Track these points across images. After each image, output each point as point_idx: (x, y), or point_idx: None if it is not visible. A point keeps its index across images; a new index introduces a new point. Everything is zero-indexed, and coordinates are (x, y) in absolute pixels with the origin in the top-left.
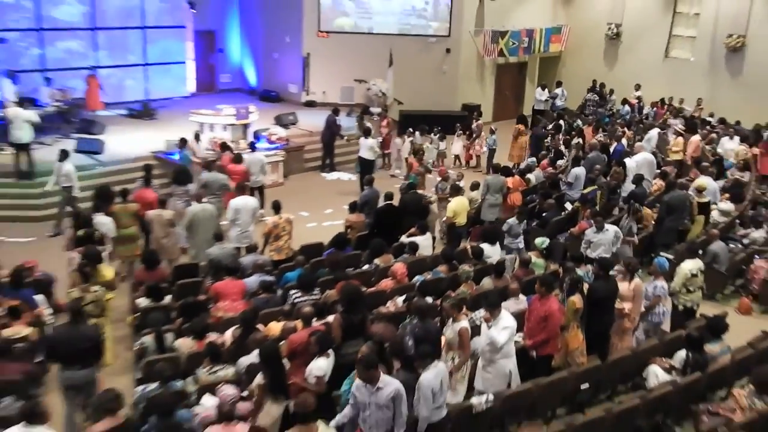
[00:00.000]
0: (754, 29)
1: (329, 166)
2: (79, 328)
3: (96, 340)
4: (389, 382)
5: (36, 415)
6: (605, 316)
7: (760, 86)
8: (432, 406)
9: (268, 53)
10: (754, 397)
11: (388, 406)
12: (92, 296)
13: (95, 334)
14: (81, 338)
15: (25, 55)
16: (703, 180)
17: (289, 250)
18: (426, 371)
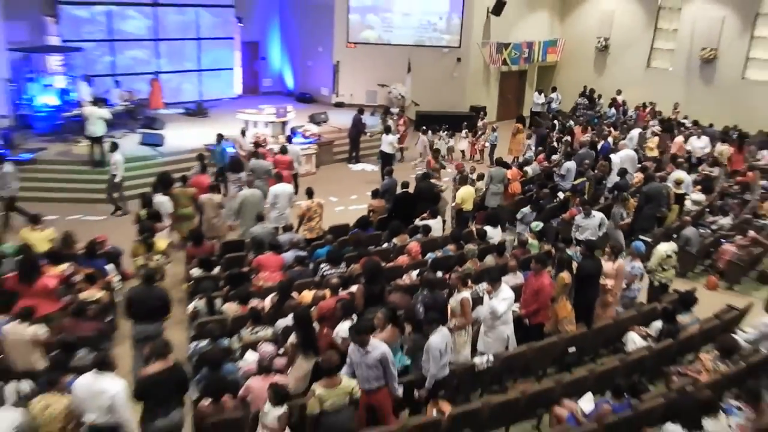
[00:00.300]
0: (724, 43)
1: (355, 158)
2: (152, 290)
3: (165, 300)
4: (377, 346)
5: (105, 364)
6: (591, 290)
7: (729, 93)
8: (439, 364)
9: (304, 61)
10: (718, 360)
11: (376, 366)
12: (154, 263)
13: (165, 295)
14: (153, 298)
15: (99, 62)
16: (680, 174)
17: (319, 230)
18: (433, 335)
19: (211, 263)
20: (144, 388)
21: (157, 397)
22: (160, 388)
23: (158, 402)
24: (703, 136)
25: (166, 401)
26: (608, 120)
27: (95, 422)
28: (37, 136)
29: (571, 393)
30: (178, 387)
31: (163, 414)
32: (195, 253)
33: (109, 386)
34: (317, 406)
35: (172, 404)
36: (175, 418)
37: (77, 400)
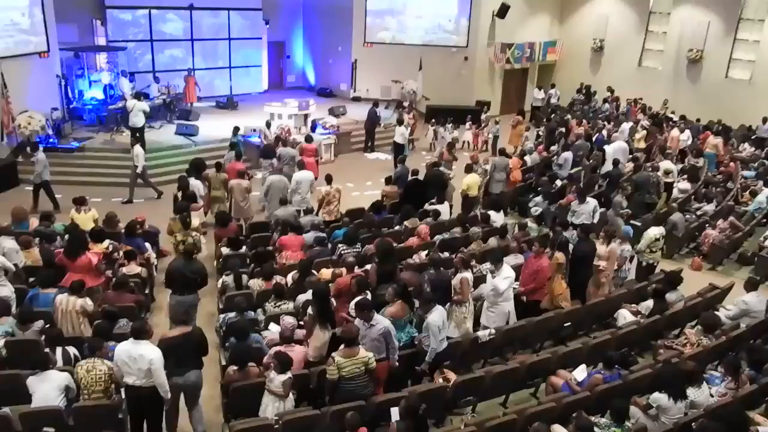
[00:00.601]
0: (709, 45)
1: (370, 148)
2: (191, 264)
3: (201, 273)
4: (380, 320)
5: (143, 332)
6: (585, 270)
7: (713, 90)
8: (438, 339)
9: (325, 59)
10: (701, 335)
11: (379, 339)
12: (190, 239)
13: (201, 269)
14: (191, 271)
15: (140, 59)
16: (667, 164)
17: (338, 213)
18: (431, 314)
19: (238, 242)
20: (164, 350)
21: (176, 358)
22: (178, 350)
23: (176, 362)
24: (686, 130)
25: (183, 362)
26: (602, 114)
27: (134, 384)
28: (84, 126)
29: (566, 364)
30: (195, 350)
31: (180, 373)
32: (222, 234)
33: (146, 352)
34: (336, 373)
35: (189, 366)
36: (191, 378)
37: (119, 363)
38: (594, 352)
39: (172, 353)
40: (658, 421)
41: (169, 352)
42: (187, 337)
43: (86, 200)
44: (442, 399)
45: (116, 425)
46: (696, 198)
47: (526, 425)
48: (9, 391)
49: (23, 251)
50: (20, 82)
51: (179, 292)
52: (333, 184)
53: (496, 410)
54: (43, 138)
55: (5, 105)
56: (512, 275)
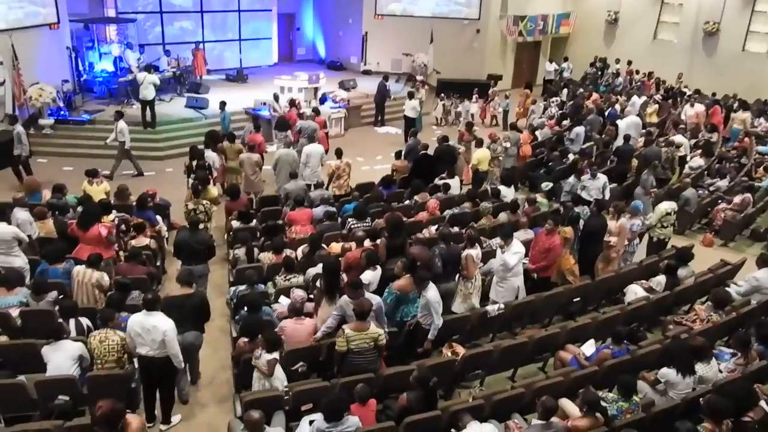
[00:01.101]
0: (727, 17)
1: (380, 121)
2: (196, 234)
3: (208, 243)
4: (371, 297)
5: (155, 303)
6: (595, 246)
7: (729, 64)
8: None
9: (335, 31)
10: (711, 311)
11: (371, 316)
12: (202, 207)
13: (207, 239)
14: (198, 242)
15: (150, 32)
16: (678, 138)
17: (347, 187)
18: (428, 291)
19: (249, 216)
20: (166, 308)
21: (176, 317)
22: (178, 310)
23: (176, 321)
24: (696, 104)
25: (182, 322)
26: (616, 88)
27: (147, 354)
28: (95, 99)
29: (575, 339)
30: (195, 312)
31: (179, 332)
32: (232, 207)
33: (159, 323)
34: (345, 345)
35: (188, 326)
36: (188, 338)
37: (132, 334)
38: (603, 327)
39: (173, 312)
40: (666, 396)
41: (170, 311)
42: (188, 298)
43: (98, 172)
44: (451, 372)
45: (129, 394)
46: (709, 173)
47: (533, 399)
48: (24, 360)
49: (37, 222)
50: (31, 54)
51: (187, 263)
52: (343, 158)
53: (504, 384)
54: (54, 110)
55: (16, 77)
56: (522, 250)
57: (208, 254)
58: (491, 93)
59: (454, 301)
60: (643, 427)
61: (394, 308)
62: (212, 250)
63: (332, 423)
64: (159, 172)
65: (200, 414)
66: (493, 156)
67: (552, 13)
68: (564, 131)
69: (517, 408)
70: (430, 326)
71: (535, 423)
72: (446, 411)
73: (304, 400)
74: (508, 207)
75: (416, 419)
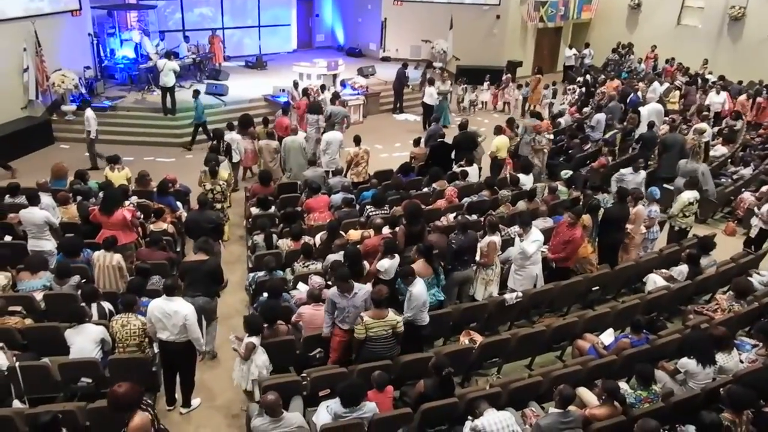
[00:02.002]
0: (753, 2)
1: (399, 109)
2: (203, 214)
3: (216, 222)
4: (361, 287)
5: (175, 289)
6: (617, 234)
7: (755, 50)
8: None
9: (354, 18)
10: (733, 301)
11: (361, 306)
12: (219, 188)
13: (216, 218)
14: (206, 220)
15: (170, 18)
16: (701, 124)
17: (366, 174)
18: (413, 287)
19: (267, 202)
20: (182, 270)
21: (189, 281)
22: (192, 273)
23: (190, 283)
24: (722, 92)
25: (195, 286)
26: (638, 74)
27: (168, 339)
28: (116, 85)
29: (593, 328)
30: (208, 276)
31: (191, 295)
32: (261, 192)
33: (180, 308)
34: (363, 333)
35: (200, 289)
36: (199, 301)
37: (153, 319)
38: (622, 316)
39: (187, 275)
40: (685, 386)
41: (185, 274)
42: (202, 263)
43: (120, 159)
44: (468, 360)
45: (150, 377)
46: (733, 161)
47: (551, 387)
48: (48, 343)
49: (61, 208)
50: (53, 41)
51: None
52: (361, 146)
53: (521, 372)
54: (76, 96)
55: (39, 63)
56: (541, 238)
57: (215, 232)
58: (505, 79)
59: (475, 288)
60: (662, 417)
61: None
62: (219, 228)
63: (349, 408)
64: (179, 158)
65: (219, 397)
66: (537, 148)
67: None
68: (584, 118)
69: (534, 396)
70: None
71: (553, 411)
72: (463, 398)
73: (321, 386)
74: (527, 195)
75: (433, 406)
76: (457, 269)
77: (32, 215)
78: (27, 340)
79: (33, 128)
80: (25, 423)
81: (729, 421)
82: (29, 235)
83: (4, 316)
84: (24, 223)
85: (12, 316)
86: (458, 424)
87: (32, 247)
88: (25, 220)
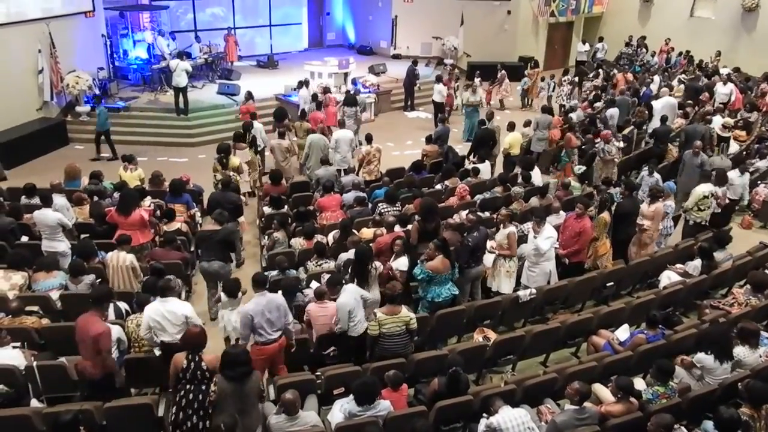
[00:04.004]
0: None
1: (410, 106)
2: (226, 194)
3: (236, 203)
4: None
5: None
6: (628, 228)
7: None
8: (347, 321)
9: (365, 16)
10: (750, 295)
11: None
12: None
13: (236, 199)
14: (227, 201)
15: (182, 18)
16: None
17: (378, 172)
18: (340, 296)
19: (281, 201)
20: (198, 239)
21: (204, 247)
22: (207, 241)
23: (205, 250)
24: (728, 83)
25: (209, 252)
26: (651, 68)
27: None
28: (129, 85)
29: (608, 324)
30: (221, 244)
31: (206, 260)
32: (272, 191)
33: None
34: (377, 329)
35: (214, 256)
36: (214, 266)
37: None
38: (637, 312)
39: (203, 243)
40: (702, 381)
41: (201, 242)
42: (216, 232)
43: (134, 158)
44: (482, 357)
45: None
46: (748, 153)
47: (566, 384)
48: (65, 342)
49: (75, 208)
50: (67, 42)
51: None
52: (373, 144)
53: (536, 369)
54: (90, 97)
55: (54, 65)
56: (554, 235)
57: (235, 212)
58: (500, 76)
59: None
60: (679, 412)
61: (426, 288)
62: (239, 209)
63: (364, 406)
64: (192, 159)
65: None
66: (606, 159)
67: None
68: (597, 113)
69: (549, 393)
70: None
71: (568, 408)
72: (478, 396)
73: (335, 384)
74: (538, 191)
75: (447, 404)
76: (471, 266)
77: (45, 216)
78: (44, 339)
79: (48, 129)
80: (43, 422)
81: (748, 416)
82: (43, 236)
83: (21, 316)
84: (37, 224)
85: (29, 315)
86: (473, 422)
87: (46, 248)
88: (38, 221)
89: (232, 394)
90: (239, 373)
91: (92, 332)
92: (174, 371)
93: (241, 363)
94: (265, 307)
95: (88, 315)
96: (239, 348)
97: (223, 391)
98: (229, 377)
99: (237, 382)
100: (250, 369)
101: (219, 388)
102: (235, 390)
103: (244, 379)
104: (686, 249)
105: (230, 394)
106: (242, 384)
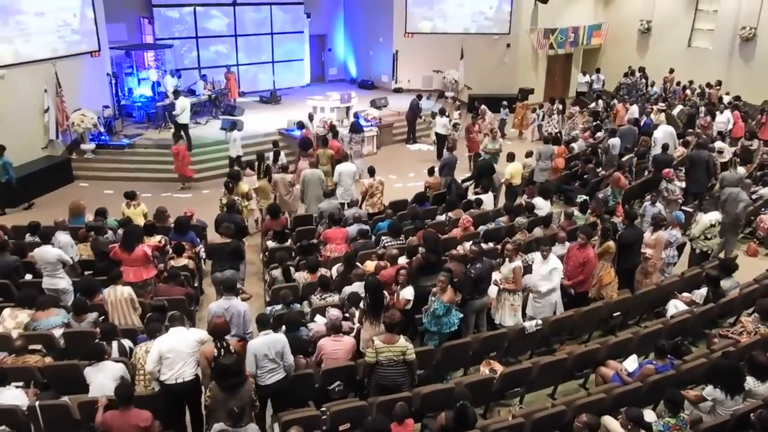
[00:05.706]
0: (764, 22)
1: (412, 139)
2: (232, 216)
3: (240, 224)
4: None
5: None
6: (632, 257)
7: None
8: (254, 367)
9: (366, 51)
10: (759, 323)
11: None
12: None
13: (240, 221)
14: (232, 221)
15: (186, 56)
16: (720, 143)
17: (381, 205)
18: (255, 340)
19: (284, 235)
20: (209, 251)
21: (216, 259)
22: (218, 252)
23: (217, 261)
24: (725, 111)
25: (221, 263)
26: (651, 97)
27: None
28: (134, 123)
29: (616, 354)
30: (231, 254)
31: (219, 270)
32: (271, 226)
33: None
34: (374, 357)
35: (226, 266)
36: (227, 273)
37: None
38: (645, 341)
39: (214, 255)
40: (714, 413)
41: (212, 253)
42: (226, 244)
43: (136, 195)
44: (490, 390)
45: None
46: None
47: (575, 416)
48: (68, 381)
49: (80, 245)
50: (73, 81)
51: None
52: (376, 176)
53: (544, 401)
54: (95, 135)
55: (60, 104)
56: (560, 265)
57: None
58: (481, 110)
59: (503, 315)
60: None
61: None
62: (243, 230)
63: None
64: (195, 194)
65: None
66: (671, 199)
67: (583, 24)
68: (598, 143)
69: (558, 426)
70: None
71: None
72: (486, 430)
73: (341, 420)
74: (542, 221)
75: None
76: (475, 297)
77: (45, 253)
78: (47, 378)
79: (53, 167)
80: None
81: None
82: (44, 273)
83: (24, 355)
84: (38, 261)
85: (32, 354)
86: None
87: (47, 285)
88: (38, 258)
89: (225, 402)
90: (231, 384)
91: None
92: (205, 362)
93: (232, 374)
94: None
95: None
96: (230, 359)
97: (217, 398)
98: (222, 387)
99: (229, 392)
100: (243, 379)
101: (213, 394)
102: (227, 398)
103: (237, 388)
104: (693, 277)
105: (223, 401)
106: (235, 393)
